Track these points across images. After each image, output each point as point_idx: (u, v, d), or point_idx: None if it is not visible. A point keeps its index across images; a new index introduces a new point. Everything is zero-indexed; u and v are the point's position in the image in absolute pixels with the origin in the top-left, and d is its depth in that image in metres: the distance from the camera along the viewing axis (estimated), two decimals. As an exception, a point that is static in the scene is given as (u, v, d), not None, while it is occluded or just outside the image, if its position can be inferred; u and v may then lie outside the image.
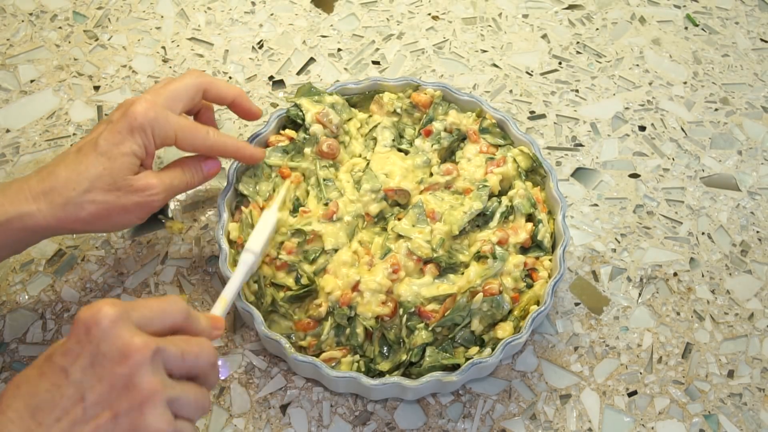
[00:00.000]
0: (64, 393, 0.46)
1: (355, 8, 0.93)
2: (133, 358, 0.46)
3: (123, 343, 0.46)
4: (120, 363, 0.46)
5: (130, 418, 0.45)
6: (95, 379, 0.46)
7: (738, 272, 0.76)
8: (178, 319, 0.50)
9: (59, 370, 0.46)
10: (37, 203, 0.57)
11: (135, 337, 0.47)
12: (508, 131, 0.74)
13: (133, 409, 0.45)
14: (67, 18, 0.91)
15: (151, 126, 0.59)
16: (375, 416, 0.66)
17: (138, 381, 0.46)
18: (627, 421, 0.67)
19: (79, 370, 0.46)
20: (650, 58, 0.91)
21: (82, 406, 0.45)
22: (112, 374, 0.46)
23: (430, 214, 0.67)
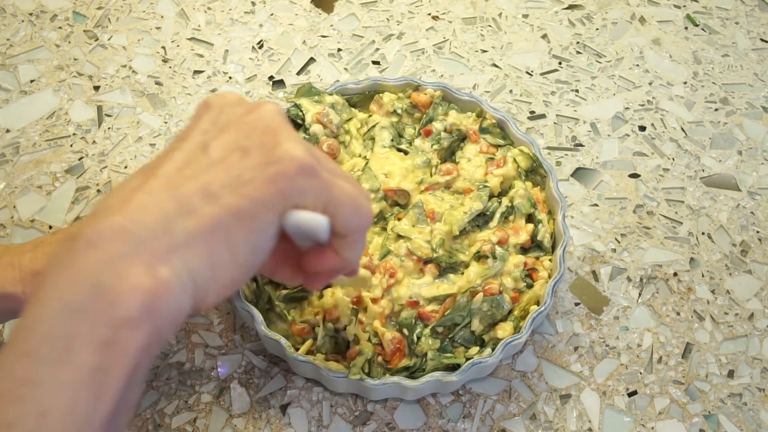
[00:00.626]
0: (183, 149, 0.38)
1: (355, 8, 0.93)
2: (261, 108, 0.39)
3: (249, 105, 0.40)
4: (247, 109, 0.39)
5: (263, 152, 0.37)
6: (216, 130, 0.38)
7: (738, 272, 0.76)
8: None
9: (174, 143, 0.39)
10: (24, 285, 0.53)
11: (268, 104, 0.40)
12: (508, 131, 0.74)
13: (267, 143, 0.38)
14: (67, 18, 0.91)
15: None
16: (375, 416, 0.66)
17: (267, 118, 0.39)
18: (627, 421, 0.67)
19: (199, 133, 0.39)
20: (650, 58, 0.91)
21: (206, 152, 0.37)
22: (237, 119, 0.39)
23: (430, 214, 0.67)
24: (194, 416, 0.66)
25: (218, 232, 0.35)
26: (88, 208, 0.77)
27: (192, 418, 0.65)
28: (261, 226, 0.37)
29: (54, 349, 0.31)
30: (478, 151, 0.73)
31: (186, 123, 0.40)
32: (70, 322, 0.32)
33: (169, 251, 0.34)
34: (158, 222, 0.34)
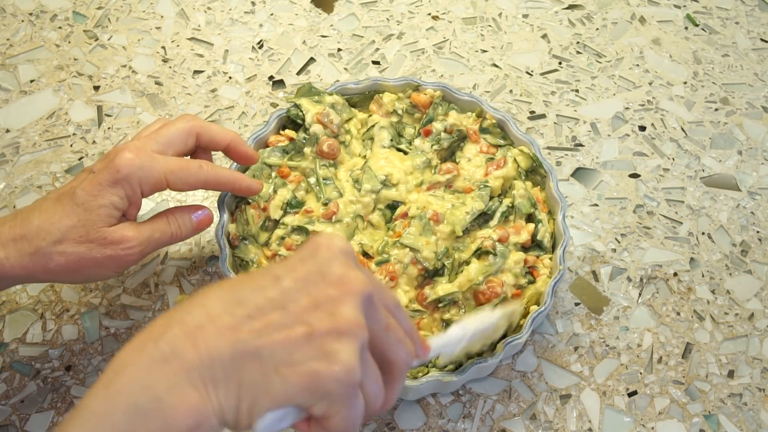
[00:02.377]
0: (267, 295, 0.43)
1: (355, 8, 0.93)
2: (348, 287, 0.43)
3: (345, 272, 0.44)
4: (335, 286, 0.43)
5: (323, 341, 0.42)
6: (304, 294, 0.43)
7: (738, 272, 0.76)
8: (391, 301, 0.47)
9: (271, 276, 0.44)
10: (6, 250, 0.55)
11: (358, 272, 0.44)
12: (508, 131, 0.74)
13: (330, 332, 0.42)
14: (67, 18, 0.91)
15: (137, 176, 0.57)
16: (375, 416, 0.66)
17: (344, 309, 0.43)
18: (627, 421, 0.67)
19: (291, 280, 0.43)
20: (650, 58, 0.91)
21: (280, 313, 0.42)
22: (322, 293, 0.43)
23: (434, 217, 0.67)
24: (194, 416, 0.65)
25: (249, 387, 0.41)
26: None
27: (192, 418, 0.65)
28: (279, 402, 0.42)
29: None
30: (478, 151, 0.73)
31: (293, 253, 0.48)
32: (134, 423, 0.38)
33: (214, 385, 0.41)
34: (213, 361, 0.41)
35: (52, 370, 0.67)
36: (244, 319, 0.42)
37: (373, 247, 0.67)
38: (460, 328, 0.57)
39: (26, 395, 0.66)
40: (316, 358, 0.41)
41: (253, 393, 0.41)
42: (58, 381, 0.67)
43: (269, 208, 0.68)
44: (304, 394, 0.42)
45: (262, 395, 0.41)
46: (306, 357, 0.41)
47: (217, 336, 0.41)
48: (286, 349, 0.41)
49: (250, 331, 0.42)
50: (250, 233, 0.68)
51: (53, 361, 0.68)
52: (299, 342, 0.42)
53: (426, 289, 0.65)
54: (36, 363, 0.68)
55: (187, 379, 0.40)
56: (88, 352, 0.68)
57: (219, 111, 0.84)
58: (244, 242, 0.68)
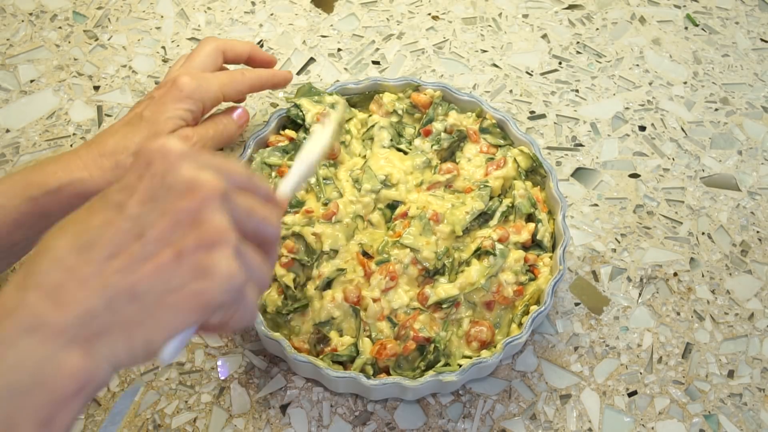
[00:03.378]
0: (120, 228, 0.40)
1: (355, 8, 0.93)
2: (201, 193, 0.40)
3: (191, 177, 0.40)
4: (186, 197, 0.40)
5: (196, 258, 0.39)
6: (156, 214, 0.40)
7: (738, 272, 0.76)
8: (243, 178, 0.44)
9: (114, 206, 0.40)
10: (89, 170, 0.59)
11: (204, 172, 0.41)
12: (508, 131, 0.74)
13: (199, 247, 0.39)
14: (67, 18, 0.91)
15: (199, 93, 0.64)
16: (375, 416, 0.66)
17: (206, 218, 0.40)
18: (627, 421, 0.67)
19: (137, 204, 0.40)
20: (650, 58, 0.91)
21: (140, 242, 0.39)
22: (176, 209, 0.40)
23: (434, 217, 0.67)
24: (194, 416, 0.66)
25: (136, 327, 0.39)
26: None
27: (192, 418, 0.65)
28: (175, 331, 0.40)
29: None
30: (478, 151, 0.73)
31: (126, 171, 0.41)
32: (12, 404, 0.36)
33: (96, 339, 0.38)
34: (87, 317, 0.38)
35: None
36: (104, 261, 0.39)
37: (373, 247, 0.67)
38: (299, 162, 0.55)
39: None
40: (195, 278, 0.39)
41: (142, 332, 0.39)
42: (58, 381, 0.67)
43: None
44: (195, 315, 0.40)
45: (152, 330, 0.39)
46: (184, 280, 0.39)
47: (81, 289, 0.38)
48: (161, 278, 0.39)
49: (115, 271, 0.39)
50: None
51: (53, 361, 0.68)
52: (172, 266, 0.39)
53: (426, 288, 0.65)
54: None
55: (60, 344, 0.37)
56: (88, 352, 0.68)
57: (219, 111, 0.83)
58: None
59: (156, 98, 0.63)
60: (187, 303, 0.39)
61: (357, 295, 0.64)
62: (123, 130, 0.62)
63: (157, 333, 0.39)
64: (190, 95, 0.63)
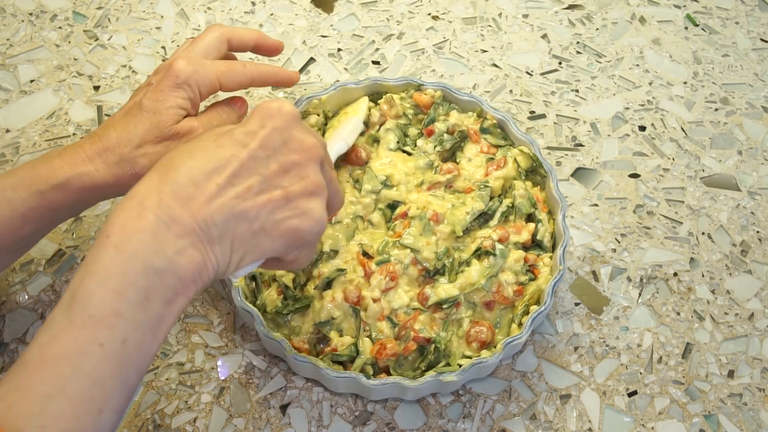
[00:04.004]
0: (242, 163, 0.48)
1: (355, 8, 0.93)
2: (309, 153, 0.50)
3: (302, 137, 0.50)
4: (297, 152, 0.49)
5: (298, 202, 0.49)
6: (273, 161, 0.48)
7: (738, 272, 0.76)
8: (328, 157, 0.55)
9: (239, 143, 0.48)
10: (94, 163, 0.60)
11: (311, 136, 0.51)
12: (508, 131, 0.74)
13: (303, 194, 0.49)
14: (67, 18, 0.91)
15: (194, 79, 0.63)
16: (375, 416, 0.66)
17: (310, 173, 0.50)
18: (627, 421, 0.67)
19: (258, 148, 0.48)
20: (650, 58, 0.91)
21: (258, 179, 0.48)
22: (288, 160, 0.49)
23: (434, 218, 0.67)
24: (194, 416, 0.66)
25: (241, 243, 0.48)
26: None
27: (192, 418, 0.65)
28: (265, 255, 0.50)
29: (137, 296, 0.43)
30: (479, 151, 0.73)
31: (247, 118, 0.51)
32: (151, 280, 0.44)
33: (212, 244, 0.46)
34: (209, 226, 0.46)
35: (52, 370, 0.67)
36: (227, 187, 0.47)
37: (374, 247, 0.67)
38: (341, 142, 0.71)
39: (26, 395, 0.66)
40: (295, 216, 0.49)
41: (243, 249, 0.48)
42: (58, 381, 0.67)
43: None
44: (285, 246, 0.49)
45: (251, 250, 0.48)
46: (286, 216, 0.48)
47: (207, 204, 0.46)
48: (268, 210, 0.48)
49: (235, 196, 0.47)
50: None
51: (53, 361, 0.68)
52: (278, 203, 0.48)
53: (426, 288, 0.65)
54: (36, 363, 0.68)
55: (189, 241, 0.45)
56: (88, 352, 0.68)
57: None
58: None
59: (154, 85, 0.63)
60: (284, 234, 0.48)
61: (357, 295, 0.64)
62: (124, 121, 0.62)
63: (251, 252, 0.48)
64: (186, 81, 0.63)
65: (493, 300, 0.65)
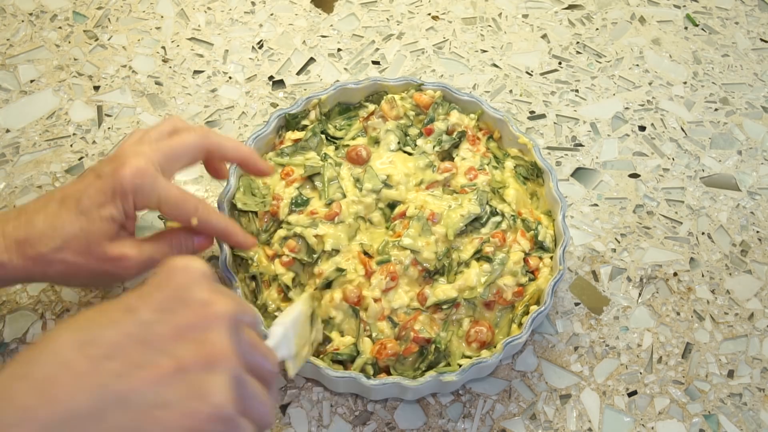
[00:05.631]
0: (124, 331, 0.39)
1: (355, 8, 0.93)
2: (213, 312, 0.41)
3: (207, 296, 0.41)
4: (198, 313, 0.41)
5: (193, 375, 0.39)
6: (165, 324, 0.40)
7: (738, 272, 0.76)
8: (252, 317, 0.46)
9: (124, 309, 0.40)
10: (9, 253, 0.55)
11: (221, 297, 0.42)
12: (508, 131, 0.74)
13: (199, 364, 0.39)
14: (67, 18, 0.91)
15: (135, 192, 0.55)
16: (375, 416, 0.66)
17: (212, 337, 0.40)
18: (627, 421, 0.67)
19: (149, 311, 0.40)
20: (650, 58, 0.91)
21: (142, 349, 0.39)
22: (185, 322, 0.40)
23: (431, 217, 0.67)
24: (194, 416, 0.65)
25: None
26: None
27: (192, 418, 0.65)
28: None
29: None
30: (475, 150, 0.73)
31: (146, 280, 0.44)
32: None
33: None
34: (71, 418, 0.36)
35: (52, 370, 0.67)
36: (101, 360, 0.38)
37: (374, 247, 0.67)
38: (278, 326, 0.54)
39: (26, 395, 0.66)
40: (189, 397, 0.38)
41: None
42: (58, 381, 0.67)
43: (279, 209, 0.68)
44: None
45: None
46: (178, 396, 0.38)
47: (72, 385, 0.37)
48: (154, 390, 0.38)
49: (110, 373, 0.38)
50: (250, 231, 0.68)
51: (53, 361, 0.68)
52: (168, 379, 0.38)
53: (426, 289, 0.65)
54: (36, 363, 0.68)
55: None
56: (88, 352, 0.68)
57: (219, 111, 0.84)
58: None
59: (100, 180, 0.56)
60: (175, 422, 0.38)
61: (357, 296, 0.64)
62: (56, 213, 0.55)
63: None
64: (125, 195, 0.55)
65: (494, 300, 0.65)
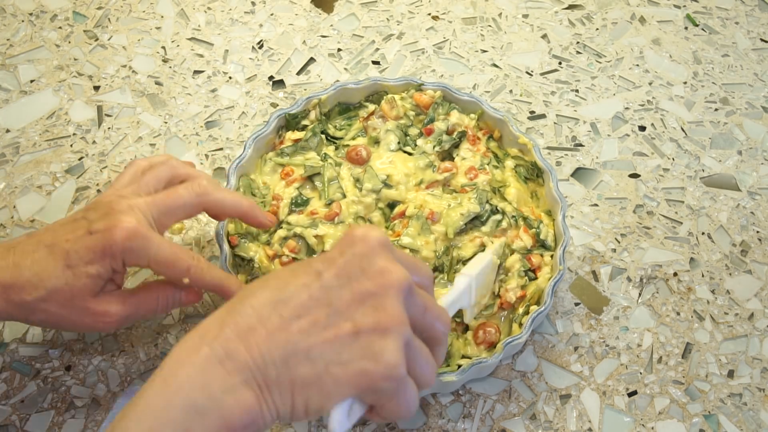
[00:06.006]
0: (312, 293, 0.44)
1: (355, 8, 0.93)
2: (389, 281, 0.45)
3: (384, 265, 0.45)
4: (375, 280, 0.45)
5: (369, 339, 0.43)
6: (347, 290, 0.44)
7: (738, 272, 0.76)
8: (427, 279, 0.50)
9: (313, 272, 0.45)
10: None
11: (396, 265, 0.46)
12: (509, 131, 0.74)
13: (375, 330, 0.44)
14: (67, 18, 0.91)
15: (124, 253, 0.55)
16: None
17: (387, 305, 0.44)
18: (627, 421, 0.67)
19: (333, 277, 0.45)
20: (650, 58, 0.91)
21: (326, 311, 0.44)
22: (363, 289, 0.44)
23: (430, 216, 0.67)
24: (194, 416, 0.65)
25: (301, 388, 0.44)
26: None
27: (192, 418, 0.65)
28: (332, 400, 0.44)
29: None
30: (475, 150, 0.73)
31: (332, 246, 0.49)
32: (191, 420, 0.41)
33: (268, 387, 0.43)
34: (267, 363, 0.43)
35: (52, 370, 0.67)
36: (291, 320, 0.43)
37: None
38: (463, 276, 0.59)
39: (26, 395, 0.66)
40: (363, 357, 0.43)
41: (305, 392, 0.43)
42: (58, 381, 0.67)
43: (279, 209, 0.68)
44: (354, 391, 0.44)
45: (314, 393, 0.43)
46: (354, 356, 0.43)
47: (268, 338, 0.43)
48: (334, 349, 0.43)
49: (299, 331, 0.43)
50: (250, 231, 0.69)
51: (53, 361, 0.68)
52: (346, 340, 0.43)
53: None
54: (36, 363, 0.68)
55: (242, 379, 0.42)
56: (88, 352, 0.68)
57: (219, 111, 0.84)
58: (243, 240, 0.68)
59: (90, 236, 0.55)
60: (350, 378, 0.43)
61: None
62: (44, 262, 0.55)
63: (316, 398, 0.43)
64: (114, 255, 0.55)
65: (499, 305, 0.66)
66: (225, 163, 0.80)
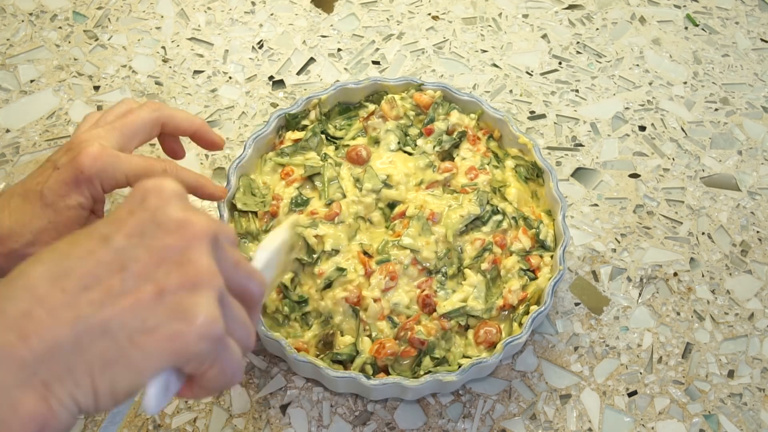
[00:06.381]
0: (100, 260, 0.37)
1: (355, 8, 0.93)
2: (192, 232, 0.39)
3: (183, 216, 0.39)
4: (175, 234, 0.38)
5: (177, 297, 0.37)
6: (142, 249, 0.38)
7: (738, 272, 0.76)
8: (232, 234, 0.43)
9: (99, 237, 0.38)
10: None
11: (197, 213, 0.40)
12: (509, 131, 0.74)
13: (182, 287, 0.37)
14: (67, 18, 0.91)
15: (98, 176, 0.55)
16: (375, 416, 0.66)
17: (193, 257, 0.38)
18: (627, 421, 0.67)
19: (124, 238, 0.38)
20: (650, 58, 0.91)
21: (121, 276, 0.37)
22: (163, 245, 0.38)
23: (431, 217, 0.67)
24: (194, 416, 0.66)
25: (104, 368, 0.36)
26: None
27: (192, 418, 0.65)
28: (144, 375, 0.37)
29: None
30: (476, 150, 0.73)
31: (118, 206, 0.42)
32: None
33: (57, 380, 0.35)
34: (52, 351, 0.35)
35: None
36: (79, 292, 0.36)
37: (373, 247, 0.67)
38: (263, 251, 0.53)
39: (26, 395, 0.66)
40: (173, 319, 0.37)
41: (109, 372, 0.36)
42: (58, 381, 0.67)
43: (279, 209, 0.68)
44: (169, 360, 0.37)
45: (120, 372, 0.36)
46: (161, 320, 0.36)
47: (50, 320, 0.35)
48: (137, 316, 0.36)
49: (89, 303, 0.36)
50: (250, 231, 0.69)
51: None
52: (150, 304, 0.36)
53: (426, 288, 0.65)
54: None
55: (18, 381, 0.34)
56: (88, 352, 0.68)
57: (219, 111, 0.84)
58: (243, 241, 0.68)
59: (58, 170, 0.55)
60: (161, 346, 0.36)
61: (357, 296, 0.64)
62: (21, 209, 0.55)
63: (124, 376, 0.36)
64: (89, 179, 0.54)
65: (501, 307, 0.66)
66: (225, 163, 0.80)
